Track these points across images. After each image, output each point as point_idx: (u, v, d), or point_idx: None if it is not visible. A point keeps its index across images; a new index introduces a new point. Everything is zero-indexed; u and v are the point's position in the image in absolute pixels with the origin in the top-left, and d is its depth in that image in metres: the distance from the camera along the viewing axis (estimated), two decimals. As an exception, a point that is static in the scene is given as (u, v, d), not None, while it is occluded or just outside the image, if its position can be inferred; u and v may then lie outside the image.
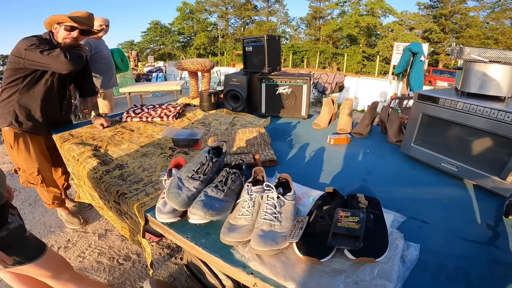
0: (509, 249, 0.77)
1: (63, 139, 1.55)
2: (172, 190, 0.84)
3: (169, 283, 1.53)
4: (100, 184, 1.14)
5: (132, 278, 1.57)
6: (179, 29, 32.19)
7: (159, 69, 11.57)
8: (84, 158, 1.32)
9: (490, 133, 1.00)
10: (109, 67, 2.84)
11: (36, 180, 1.72)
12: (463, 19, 23.93)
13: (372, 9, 25.41)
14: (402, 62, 4.33)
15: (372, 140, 1.59)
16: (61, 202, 1.95)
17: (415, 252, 0.74)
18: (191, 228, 0.85)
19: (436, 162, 1.20)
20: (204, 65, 2.33)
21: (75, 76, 1.74)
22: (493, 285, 0.67)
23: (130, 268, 1.64)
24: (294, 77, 1.89)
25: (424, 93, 1.20)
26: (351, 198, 0.84)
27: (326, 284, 0.64)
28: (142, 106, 2.06)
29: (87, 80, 1.84)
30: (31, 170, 1.70)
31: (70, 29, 1.52)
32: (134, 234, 1.17)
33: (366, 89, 7.15)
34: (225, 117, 1.97)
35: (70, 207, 2.16)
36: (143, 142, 1.51)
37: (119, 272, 1.62)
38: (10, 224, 0.90)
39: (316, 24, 31.44)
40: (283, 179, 0.94)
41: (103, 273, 1.60)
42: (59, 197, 1.93)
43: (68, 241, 1.87)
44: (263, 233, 0.73)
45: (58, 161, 1.84)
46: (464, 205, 0.98)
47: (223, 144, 1.07)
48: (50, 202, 1.89)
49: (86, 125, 1.78)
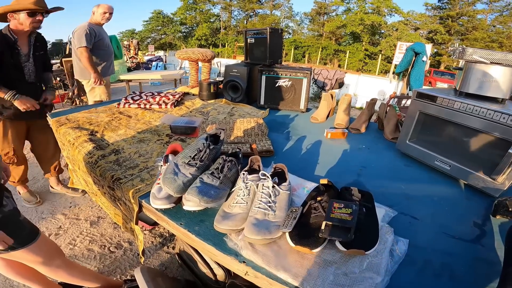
0: (494, 248, 0.79)
1: (59, 123, 1.54)
2: (168, 176, 0.84)
3: (160, 271, 1.54)
4: (95, 168, 1.14)
5: (123, 266, 1.57)
6: (182, 19, 31.80)
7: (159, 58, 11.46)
8: (80, 143, 1.31)
9: (485, 134, 1.01)
10: (109, 54, 2.86)
11: (11, 160, 1.86)
12: (470, 21, 23.81)
13: (378, 7, 25.17)
14: (403, 61, 4.32)
15: (368, 136, 1.60)
16: (24, 180, 2.06)
17: (404, 247, 0.75)
18: (184, 215, 0.85)
19: (429, 160, 1.21)
20: (205, 55, 2.31)
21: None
22: (476, 282, 0.68)
23: (121, 256, 1.64)
24: (294, 71, 1.89)
25: (423, 91, 1.21)
26: (345, 191, 0.84)
27: (316, 274, 0.65)
28: (141, 93, 2.05)
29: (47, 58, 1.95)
30: (6, 150, 1.83)
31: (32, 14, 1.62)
32: (127, 221, 1.17)
33: (365, 86, 7.15)
34: (224, 107, 1.96)
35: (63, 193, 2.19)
36: (140, 128, 1.50)
37: (110, 260, 1.61)
38: (4, 207, 0.89)
39: (320, 20, 31.12)
40: (278, 169, 0.94)
41: (94, 261, 1.60)
42: (24, 176, 2.04)
43: (59, 227, 1.86)
44: (257, 221, 0.74)
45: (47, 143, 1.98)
46: (454, 203, 1.00)
47: (220, 132, 1.07)
48: (16, 179, 1.99)
49: (84, 110, 1.77)
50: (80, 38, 2.50)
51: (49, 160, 2.09)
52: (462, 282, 0.68)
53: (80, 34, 2.50)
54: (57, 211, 2.03)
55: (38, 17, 1.65)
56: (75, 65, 2.76)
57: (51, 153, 2.07)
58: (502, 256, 0.72)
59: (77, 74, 2.79)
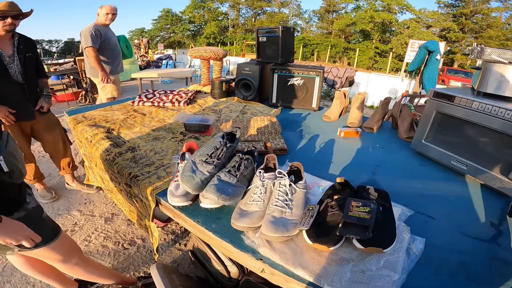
0: (511, 248, 0.78)
1: (76, 121, 1.58)
2: (186, 174, 0.85)
3: (174, 268, 1.56)
4: (113, 166, 1.16)
5: (136, 263, 1.59)
6: (190, 17, 31.96)
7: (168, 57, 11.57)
8: (97, 140, 1.34)
9: (503, 134, 1.00)
10: (116, 53, 2.97)
11: None
12: (484, 20, 23.14)
13: (389, 5, 24.72)
14: (417, 60, 4.24)
15: (382, 135, 1.58)
16: (39, 177, 2.10)
17: (420, 246, 0.75)
18: (201, 213, 0.86)
19: (446, 159, 1.19)
20: (216, 53, 2.33)
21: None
22: (492, 281, 0.68)
23: (134, 253, 1.66)
24: (307, 69, 1.88)
25: (440, 90, 1.19)
26: (362, 190, 0.85)
27: (334, 271, 0.66)
28: (154, 92, 2.08)
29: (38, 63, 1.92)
30: None
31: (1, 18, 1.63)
32: (142, 218, 1.19)
33: (376, 85, 7.05)
34: (236, 105, 1.98)
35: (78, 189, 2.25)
36: (154, 126, 1.53)
37: (124, 256, 1.64)
38: (28, 204, 0.89)
39: (329, 18, 30.79)
40: (294, 168, 0.95)
41: (108, 257, 1.62)
42: (38, 173, 2.08)
43: (75, 224, 1.89)
44: (274, 219, 0.75)
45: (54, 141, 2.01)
46: (470, 203, 0.99)
47: (236, 130, 1.08)
48: (31, 177, 2.02)
49: (99, 108, 1.81)
50: (86, 39, 2.64)
51: (61, 157, 2.12)
52: (479, 282, 0.68)
53: (86, 35, 2.64)
54: (73, 207, 2.07)
55: (8, 20, 1.63)
56: (86, 64, 2.89)
57: (62, 151, 2.10)
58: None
59: (88, 72, 2.93)
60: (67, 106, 4.83)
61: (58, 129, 2.03)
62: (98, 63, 2.70)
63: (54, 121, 2.01)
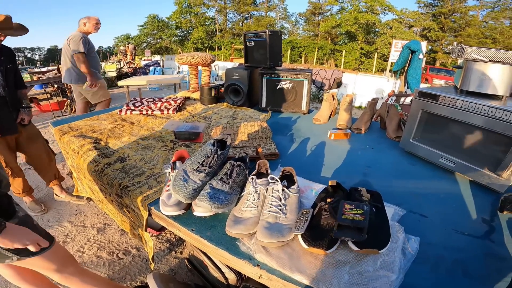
0: (504, 243, 0.80)
1: (62, 131, 1.55)
2: (178, 183, 0.84)
3: (171, 277, 1.54)
4: (102, 177, 1.14)
5: (132, 272, 1.57)
6: (177, 23, 31.80)
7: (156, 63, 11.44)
8: (84, 151, 1.31)
9: (487, 131, 1.03)
10: (97, 60, 3.13)
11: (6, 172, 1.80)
12: (463, 18, 23.95)
13: (372, 6, 25.31)
14: (400, 60, 4.35)
15: (371, 136, 1.61)
16: (28, 191, 2.06)
17: (415, 245, 0.76)
18: (195, 221, 0.85)
19: (434, 158, 1.22)
20: (204, 59, 2.32)
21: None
22: (489, 277, 0.69)
23: (130, 263, 1.64)
24: (295, 73, 1.90)
25: (424, 90, 1.22)
26: (354, 191, 0.85)
27: (331, 274, 0.66)
28: (142, 99, 2.05)
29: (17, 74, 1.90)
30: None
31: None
32: (135, 227, 1.17)
33: (363, 85, 7.17)
34: (226, 111, 1.97)
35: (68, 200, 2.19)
36: (143, 135, 1.51)
37: (119, 266, 1.61)
38: (18, 212, 0.91)
39: (315, 20, 31.26)
40: (286, 172, 0.95)
41: (103, 268, 1.60)
42: (27, 186, 2.04)
43: (66, 235, 1.86)
44: (269, 225, 0.75)
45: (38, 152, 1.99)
46: (461, 200, 1.01)
47: (227, 137, 1.07)
48: (20, 191, 1.99)
49: (86, 118, 1.78)
50: (78, 45, 2.74)
51: (46, 169, 2.08)
52: (475, 278, 0.69)
53: (77, 41, 2.74)
54: (63, 219, 2.03)
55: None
56: (69, 71, 2.95)
57: (46, 162, 2.06)
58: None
59: (70, 79, 2.99)
60: (52, 116, 4.72)
61: (40, 141, 2.01)
62: (88, 69, 2.81)
63: (36, 133, 1.98)
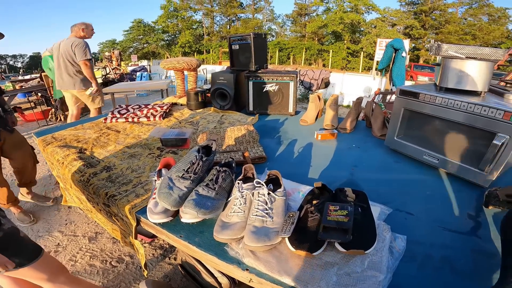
0: (491, 239, 0.80)
1: (45, 142, 1.51)
2: (163, 190, 0.84)
3: (165, 283, 1.53)
4: (88, 187, 1.12)
5: (127, 280, 1.56)
6: (163, 27, 31.54)
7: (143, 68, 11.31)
8: (69, 161, 1.29)
9: (468, 126, 1.04)
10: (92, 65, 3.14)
11: None
12: (442, 15, 24.62)
13: (356, 5, 25.74)
14: (384, 58, 4.43)
15: (357, 135, 1.63)
16: (14, 201, 2.02)
17: (402, 244, 0.76)
18: (183, 228, 0.85)
19: (418, 155, 1.24)
20: (190, 63, 2.31)
21: None
22: (477, 273, 0.69)
23: (124, 270, 1.63)
24: (280, 75, 1.91)
25: (406, 88, 1.24)
26: (339, 192, 0.86)
27: (319, 276, 0.66)
28: (128, 107, 2.03)
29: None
30: None
31: None
32: (126, 236, 1.15)
33: (351, 84, 7.27)
34: (213, 116, 1.97)
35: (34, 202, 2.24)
36: (130, 143, 1.49)
37: (113, 274, 1.60)
38: (3, 225, 0.90)
39: (301, 21, 31.58)
40: (272, 176, 0.95)
41: (97, 276, 1.59)
42: (12, 197, 2.00)
43: (57, 245, 1.83)
44: (256, 229, 0.75)
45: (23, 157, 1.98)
46: (446, 196, 1.02)
47: (212, 143, 1.07)
48: (5, 202, 1.95)
49: (69, 127, 1.74)
50: (85, 51, 2.84)
51: (27, 174, 2.09)
52: (463, 275, 0.69)
53: (83, 48, 2.83)
54: (53, 229, 2.00)
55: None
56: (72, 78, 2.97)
57: (29, 168, 2.07)
58: (499, 246, 0.72)
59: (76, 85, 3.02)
60: (37, 126, 4.59)
61: (26, 148, 2.01)
62: (94, 75, 2.97)
63: (21, 140, 1.98)
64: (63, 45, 2.86)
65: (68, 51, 2.84)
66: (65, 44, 2.84)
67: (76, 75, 2.95)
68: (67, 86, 3.01)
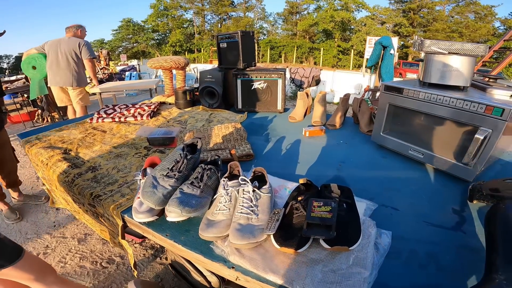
0: (476, 234, 0.79)
1: (30, 143, 1.47)
2: (147, 189, 0.83)
3: (155, 283, 1.51)
4: (73, 187, 1.10)
5: (118, 281, 1.55)
6: (153, 26, 31.17)
7: (132, 68, 11.16)
8: (53, 162, 1.26)
9: (451, 121, 1.06)
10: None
11: None
12: (430, 13, 25.04)
13: (346, 3, 25.96)
14: (373, 56, 4.49)
15: (345, 131, 1.64)
16: (1, 195, 2.04)
17: (387, 239, 0.75)
18: (169, 226, 0.84)
19: (403, 150, 1.26)
20: (178, 62, 2.29)
21: None
22: (462, 269, 0.69)
23: (114, 271, 1.61)
24: (268, 72, 1.91)
25: (390, 84, 1.25)
26: (324, 188, 0.86)
27: (305, 274, 0.65)
28: (114, 106, 1.99)
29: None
30: None
31: None
32: (114, 236, 1.14)
33: (341, 82, 7.34)
34: (202, 114, 1.95)
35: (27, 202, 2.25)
36: (116, 142, 1.47)
37: (104, 275, 1.59)
38: None
39: (292, 19, 31.67)
40: (258, 173, 0.95)
41: (87, 277, 1.57)
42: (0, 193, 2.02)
43: (46, 247, 1.81)
44: (241, 227, 0.74)
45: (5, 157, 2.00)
46: (431, 191, 1.02)
47: (197, 141, 1.06)
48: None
49: (54, 128, 1.70)
50: (90, 50, 3.08)
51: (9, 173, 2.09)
52: (449, 271, 0.68)
53: (89, 47, 3.08)
54: (42, 231, 1.98)
55: None
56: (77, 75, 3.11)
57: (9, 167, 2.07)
58: (484, 241, 0.72)
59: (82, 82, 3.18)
60: (23, 128, 4.49)
61: (8, 147, 2.01)
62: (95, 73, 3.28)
63: (6, 140, 1.98)
64: (65, 43, 2.95)
65: (74, 49, 2.98)
66: (68, 43, 2.95)
67: (76, 72, 3.08)
68: (63, 83, 3.07)
